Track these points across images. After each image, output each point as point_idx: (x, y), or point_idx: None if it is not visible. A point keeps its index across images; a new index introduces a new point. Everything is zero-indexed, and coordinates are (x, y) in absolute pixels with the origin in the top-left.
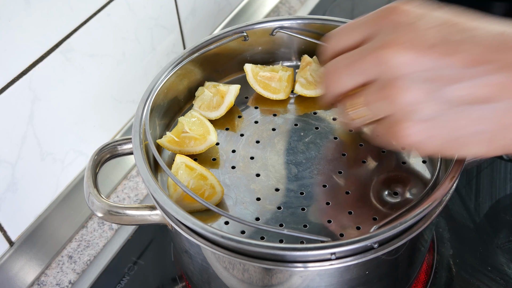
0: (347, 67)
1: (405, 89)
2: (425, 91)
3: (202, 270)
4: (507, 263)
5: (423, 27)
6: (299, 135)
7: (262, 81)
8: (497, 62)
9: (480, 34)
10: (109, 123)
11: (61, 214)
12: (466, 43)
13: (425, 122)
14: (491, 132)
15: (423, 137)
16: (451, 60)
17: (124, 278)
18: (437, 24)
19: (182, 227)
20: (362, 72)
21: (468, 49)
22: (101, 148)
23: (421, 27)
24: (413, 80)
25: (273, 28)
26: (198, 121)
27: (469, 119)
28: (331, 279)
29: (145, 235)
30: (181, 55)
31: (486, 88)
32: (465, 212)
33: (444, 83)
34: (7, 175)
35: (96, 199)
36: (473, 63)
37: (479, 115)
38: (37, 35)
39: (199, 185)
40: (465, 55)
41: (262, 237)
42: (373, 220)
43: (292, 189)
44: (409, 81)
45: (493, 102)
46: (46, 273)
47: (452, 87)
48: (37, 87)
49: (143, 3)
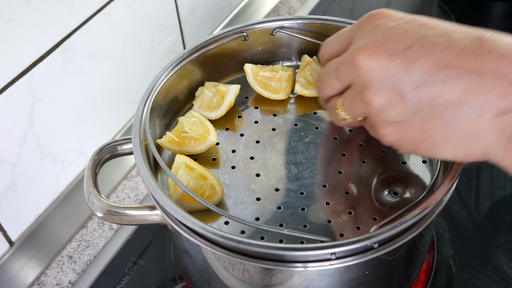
0: (329, 73)
1: (375, 93)
2: (393, 95)
3: (202, 270)
4: (507, 263)
5: (401, 29)
6: (299, 135)
7: (262, 81)
8: (467, 66)
9: (457, 38)
10: (109, 123)
11: (61, 214)
12: (440, 45)
13: (396, 124)
14: (456, 138)
15: (397, 138)
16: (421, 64)
17: (124, 278)
18: (416, 27)
19: (182, 227)
20: (341, 77)
21: (440, 52)
22: (101, 148)
23: (399, 29)
24: (383, 84)
25: (273, 28)
26: (198, 121)
27: (433, 123)
28: (331, 279)
29: (145, 235)
30: (181, 55)
31: (451, 92)
32: (465, 212)
33: (411, 87)
34: (7, 175)
35: (96, 199)
36: (443, 67)
37: (444, 120)
38: (37, 35)
39: (199, 185)
40: (436, 58)
41: (262, 237)
42: (373, 220)
43: (292, 189)
44: (379, 86)
45: (457, 106)
46: (46, 273)
47: (418, 91)
48: (37, 87)
49: (143, 3)
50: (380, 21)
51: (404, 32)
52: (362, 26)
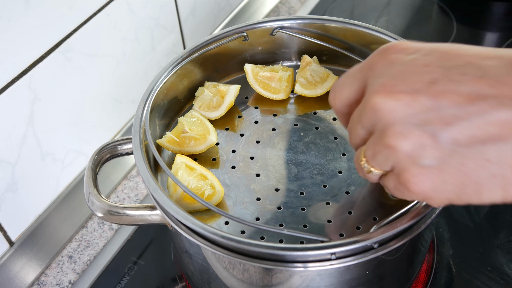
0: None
1: (403, 135)
2: (424, 134)
3: (202, 270)
4: (507, 263)
5: (420, 62)
6: (299, 135)
7: (262, 81)
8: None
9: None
10: (109, 123)
11: (61, 214)
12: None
13: (433, 168)
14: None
15: (434, 184)
16: (450, 98)
17: (124, 278)
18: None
19: (182, 227)
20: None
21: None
22: (101, 148)
23: (418, 63)
24: (410, 124)
25: (273, 28)
26: (198, 121)
27: (478, 161)
28: (331, 279)
29: (145, 235)
30: (181, 55)
31: (490, 127)
32: (465, 212)
33: (444, 124)
34: (7, 175)
35: (96, 199)
36: (475, 99)
37: (488, 156)
38: (37, 35)
39: (199, 185)
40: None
41: (262, 237)
42: (373, 220)
43: (292, 189)
44: (405, 125)
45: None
46: (46, 273)
47: (454, 127)
48: (37, 87)
49: (143, 3)
50: (394, 56)
51: (424, 66)
52: (376, 65)
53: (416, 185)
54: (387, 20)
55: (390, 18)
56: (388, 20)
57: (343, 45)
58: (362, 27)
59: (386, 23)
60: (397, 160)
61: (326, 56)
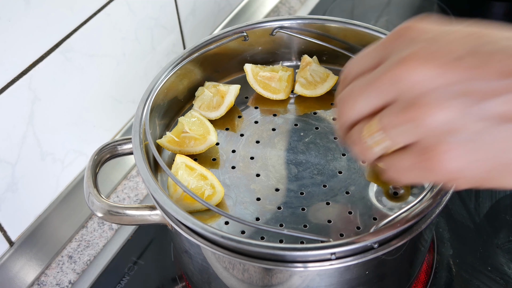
0: (361, 90)
1: (435, 106)
2: (459, 106)
3: (202, 270)
4: (507, 263)
5: (445, 40)
6: (299, 135)
7: (262, 81)
8: None
9: None
10: (109, 123)
11: (61, 214)
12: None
13: (466, 144)
14: None
15: (465, 163)
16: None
17: (124, 278)
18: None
19: (182, 227)
20: (378, 94)
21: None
22: (101, 148)
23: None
24: (442, 95)
25: (273, 28)
26: (198, 121)
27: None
28: (331, 279)
29: (145, 235)
30: (181, 55)
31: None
32: (465, 212)
33: (480, 97)
34: (7, 175)
35: (96, 199)
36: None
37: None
38: (37, 35)
39: (199, 185)
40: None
41: (262, 237)
42: (373, 220)
43: (292, 189)
44: (437, 97)
45: None
46: (46, 273)
47: (491, 101)
48: (37, 87)
49: (143, 3)
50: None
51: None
52: (397, 40)
53: (446, 162)
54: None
55: (390, 18)
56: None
57: (343, 45)
58: (362, 27)
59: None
60: (425, 134)
61: (326, 56)
